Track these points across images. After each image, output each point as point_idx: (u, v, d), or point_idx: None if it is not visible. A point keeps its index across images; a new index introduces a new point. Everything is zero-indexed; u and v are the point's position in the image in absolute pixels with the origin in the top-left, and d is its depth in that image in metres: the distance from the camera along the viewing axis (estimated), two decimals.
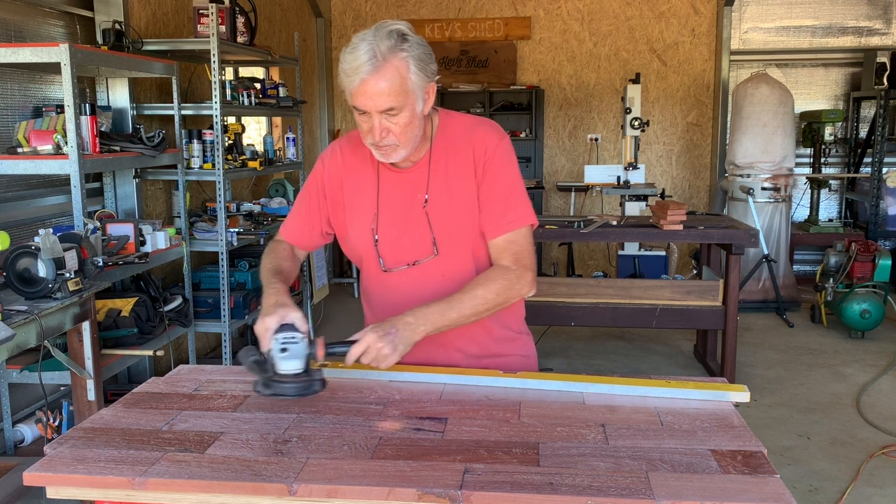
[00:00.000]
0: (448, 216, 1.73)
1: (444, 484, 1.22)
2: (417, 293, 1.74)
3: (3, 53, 2.88)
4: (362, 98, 1.57)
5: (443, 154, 1.74)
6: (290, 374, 1.48)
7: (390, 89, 1.56)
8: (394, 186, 1.76)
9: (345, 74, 1.58)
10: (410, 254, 1.75)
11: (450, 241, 1.73)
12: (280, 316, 1.56)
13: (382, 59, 1.55)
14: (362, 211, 1.78)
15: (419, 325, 1.59)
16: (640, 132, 5.83)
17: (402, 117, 1.60)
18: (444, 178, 1.74)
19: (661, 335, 5.50)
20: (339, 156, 1.82)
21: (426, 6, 7.32)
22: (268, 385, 1.49)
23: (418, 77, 1.59)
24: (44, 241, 2.48)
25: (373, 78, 1.55)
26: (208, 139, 4.06)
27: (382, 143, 1.63)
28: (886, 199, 6.50)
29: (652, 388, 1.61)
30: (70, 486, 1.29)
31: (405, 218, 1.75)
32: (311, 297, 5.35)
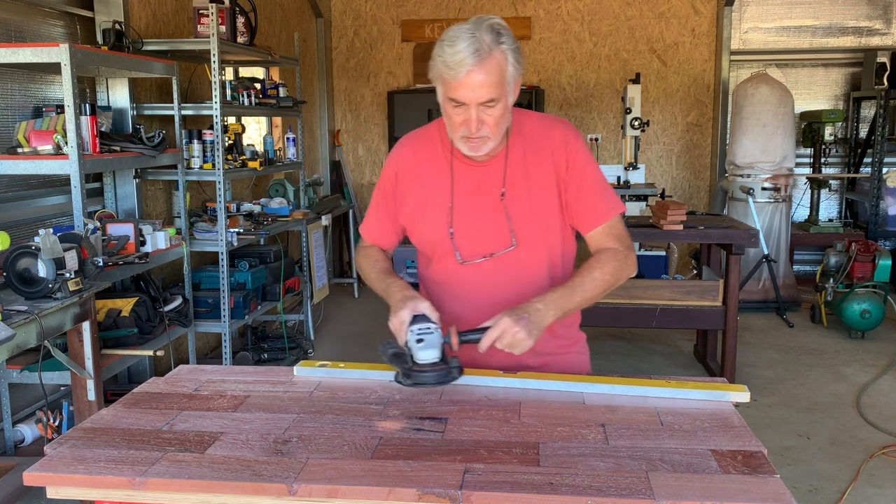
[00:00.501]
0: (526, 209, 1.76)
1: (444, 484, 1.22)
2: (492, 286, 1.77)
3: (3, 53, 2.88)
4: (464, 90, 1.60)
5: (520, 149, 1.78)
6: (429, 363, 1.55)
7: (491, 81, 1.60)
8: (469, 180, 1.78)
9: (446, 66, 1.60)
10: (487, 246, 1.77)
11: (526, 234, 1.76)
12: (411, 308, 1.63)
13: (486, 52, 1.58)
14: (436, 204, 1.79)
15: (549, 311, 1.64)
16: (640, 132, 5.83)
17: (498, 109, 1.64)
18: (522, 172, 1.77)
19: (661, 335, 5.50)
20: (410, 152, 1.86)
21: (426, 6, 7.32)
22: (408, 375, 1.56)
23: (515, 69, 1.64)
24: (44, 241, 2.48)
25: (477, 70, 1.58)
26: (208, 139, 4.06)
27: (476, 135, 1.65)
28: (886, 199, 6.50)
29: (652, 388, 1.61)
30: (70, 486, 1.29)
31: (482, 210, 1.77)
32: (311, 297, 5.35)
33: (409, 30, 7.35)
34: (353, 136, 7.65)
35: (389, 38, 7.42)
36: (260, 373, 1.79)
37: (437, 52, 1.63)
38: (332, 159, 7.47)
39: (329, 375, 1.74)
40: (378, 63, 7.46)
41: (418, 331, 1.57)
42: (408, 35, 7.36)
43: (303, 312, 5.39)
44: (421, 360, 1.55)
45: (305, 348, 5.02)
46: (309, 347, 5.09)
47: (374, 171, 7.67)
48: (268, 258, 4.72)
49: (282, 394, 1.64)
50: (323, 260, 5.66)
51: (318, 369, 1.76)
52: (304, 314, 5.38)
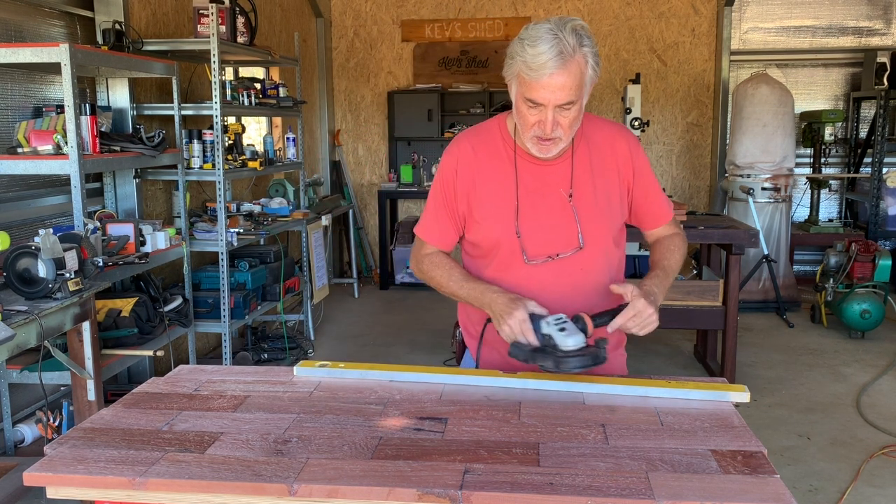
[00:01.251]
0: (592, 211, 1.78)
1: (444, 484, 1.22)
2: (556, 287, 1.78)
3: (3, 53, 2.88)
4: (544, 91, 1.60)
5: (586, 151, 1.79)
6: (577, 348, 1.56)
7: (571, 84, 1.60)
8: (533, 179, 1.78)
9: (528, 68, 1.59)
10: (553, 246, 1.77)
11: (592, 236, 1.78)
12: (524, 306, 1.62)
13: (570, 55, 1.58)
14: (501, 203, 1.78)
15: (659, 295, 1.72)
16: (640, 132, 5.83)
17: (574, 111, 1.65)
18: (589, 174, 1.78)
19: (661, 335, 5.50)
20: (470, 150, 1.83)
21: (426, 6, 7.32)
22: (564, 362, 1.56)
23: (594, 72, 1.65)
24: (44, 241, 2.48)
25: (559, 72, 1.58)
26: (208, 139, 4.06)
27: (550, 136, 1.65)
28: (886, 200, 6.50)
29: (652, 388, 1.61)
30: (70, 486, 1.29)
31: (549, 210, 1.77)
32: (311, 297, 5.35)
33: (409, 30, 7.35)
34: (353, 136, 7.65)
35: (389, 38, 7.42)
36: (260, 373, 1.79)
37: (516, 51, 1.62)
38: (332, 159, 7.47)
39: (329, 375, 1.74)
40: (378, 63, 7.46)
41: (554, 321, 1.59)
42: (408, 35, 7.36)
43: (303, 312, 5.39)
44: (570, 346, 1.56)
45: (305, 348, 5.02)
46: (309, 347, 5.09)
47: (374, 171, 7.68)
48: (268, 258, 4.72)
49: (282, 394, 1.64)
50: (323, 260, 5.66)
51: (318, 369, 1.76)
52: (304, 314, 5.38)
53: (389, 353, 5.14)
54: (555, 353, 1.57)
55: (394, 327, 5.74)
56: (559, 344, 1.56)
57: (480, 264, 1.86)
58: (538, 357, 1.59)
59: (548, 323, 1.59)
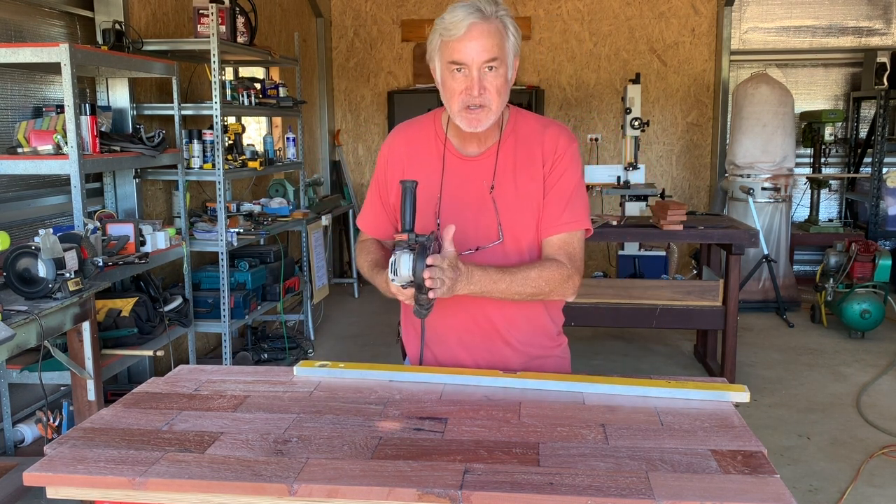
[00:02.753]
0: (512, 206, 1.76)
1: (444, 484, 1.22)
2: None
3: (3, 53, 2.88)
4: (466, 46, 1.61)
5: (512, 147, 1.78)
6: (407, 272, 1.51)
7: (493, 43, 1.61)
8: (459, 173, 1.78)
9: (447, 30, 1.61)
10: (474, 239, 1.77)
11: (512, 230, 1.76)
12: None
13: (488, 15, 1.61)
14: (425, 196, 1.77)
15: (471, 282, 1.60)
16: (640, 132, 5.83)
17: (499, 76, 1.64)
18: (512, 169, 1.77)
19: (661, 335, 5.50)
20: (402, 141, 1.86)
21: (426, 6, 7.32)
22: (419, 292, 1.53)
23: (514, 41, 1.66)
24: (44, 241, 2.48)
25: (479, 25, 1.60)
26: (208, 139, 4.06)
27: (477, 102, 1.64)
28: (886, 199, 6.50)
29: (652, 388, 1.61)
30: (70, 486, 1.29)
31: (470, 203, 1.77)
32: (311, 297, 5.35)
33: (409, 30, 7.35)
34: (353, 136, 7.65)
35: (389, 38, 7.42)
36: (260, 373, 1.79)
37: (436, 26, 1.64)
38: (332, 159, 7.47)
39: (329, 375, 1.74)
40: (378, 63, 7.46)
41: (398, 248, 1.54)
42: (408, 35, 7.36)
43: (303, 312, 5.39)
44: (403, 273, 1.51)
45: (305, 348, 5.02)
46: (309, 347, 5.09)
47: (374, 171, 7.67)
48: (268, 258, 4.72)
49: (282, 394, 1.64)
50: (323, 260, 5.66)
51: (318, 369, 1.76)
52: (304, 314, 5.38)
53: (389, 353, 5.14)
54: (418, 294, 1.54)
55: (394, 327, 5.72)
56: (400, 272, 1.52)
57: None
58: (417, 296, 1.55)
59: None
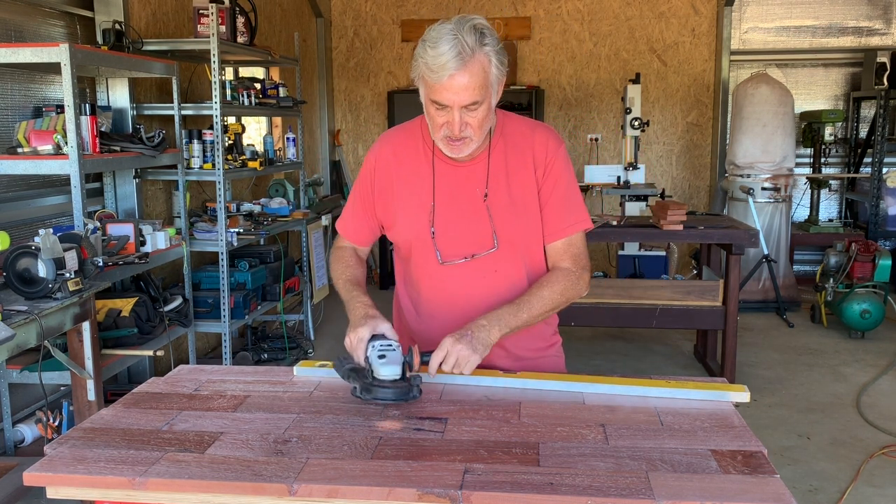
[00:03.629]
0: (506, 212, 1.75)
1: (444, 484, 1.22)
2: (471, 287, 1.77)
3: (3, 53, 2.88)
4: (447, 93, 1.58)
5: (502, 151, 1.77)
6: (390, 379, 1.51)
7: (475, 84, 1.58)
8: (450, 180, 1.77)
9: (429, 70, 1.57)
10: (468, 247, 1.76)
11: (507, 237, 1.75)
12: (371, 326, 1.61)
13: (470, 55, 1.56)
14: (417, 203, 1.77)
15: (493, 327, 1.62)
16: (640, 132, 5.83)
17: (481, 111, 1.62)
18: (504, 174, 1.76)
19: (661, 335, 5.50)
20: (389, 148, 1.83)
21: (426, 6, 7.32)
22: (368, 390, 1.52)
23: (498, 71, 1.62)
24: (44, 241, 2.48)
25: (460, 73, 1.56)
26: (208, 139, 4.06)
27: (459, 137, 1.64)
28: (886, 199, 6.50)
29: (652, 388, 1.61)
30: (70, 486, 1.29)
31: (464, 211, 1.75)
32: (311, 297, 5.35)
33: (409, 30, 7.35)
34: (353, 136, 7.65)
35: (389, 38, 7.42)
36: (260, 373, 1.79)
37: (419, 53, 1.60)
38: (332, 159, 7.47)
39: (329, 375, 1.74)
40: (378, 63, 7.46)
41: (380, 347, 1.56)
42: (408, 35, 7.36)
43: (303, 312, 5.39)
44: (382, 376, 1.52)
45: (305, 348, 5.02)
46: (309, 347, 5.09)
47: None
48: (268, 258, 4.72)
49: (282, 394, 1.64)
50: (323, 260, 5.66)
51: (318, 369, 1.76)
52: (304, 314, 5.38)
53: None
54: (365, 378, 1.54)
55: None
56: (374, 370, 1.53)
57: (405, 264, 1.88)
58: (352, 377, 1.56)
59: (374, 347, 1.56)
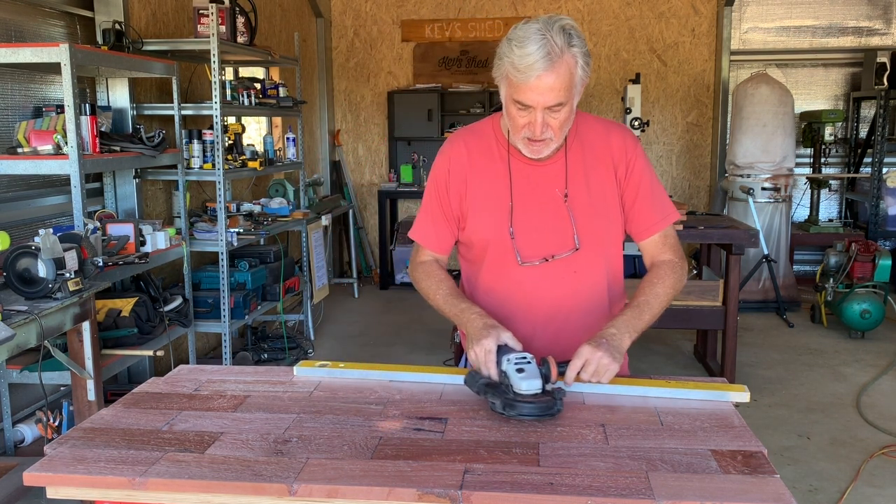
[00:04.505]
0: (587, 212, 1.74)
1: (444, 484, 1.22)
2: (549, 289, 1.75)
3: (3, 53, 2.88)
4: (532, 93, 1.56)
5: (579, 150, 1.75)
6: (531, 394, 1.47)
7: (561, 85, 1.56)
8: (528, 180, 1.75)
9: (515, 69, 1.56)
10: (548, 247, 1.74)
11: (588, 237, 1.74)
12: (495, 337, 1.57)
13: (559, 56, 1.54)
14: (494, 204, 1.75)
15: (624, 333, 1.62)
16: (640, 132, 5.83)
17: (564, 113, 1.61)
18: (583, 174, 1.74)
19: (661, 335, 5.50)
20: (464, 149, 1.81)
21: (426, 6, 7.32)
22: (512, 406, 1.46)
23: (584, 72, 1.60)
24: (44, 241, 2.48)
25: (547, 74, 1.54)
26: (208, 139, 4.06)
27: (540, 138, 1.63)
28: (886, 199, 6.50)
29: (652, 388, 1.61)
30: (70, 486, 1.29)
31: (543, 211, 1.74)
32: (311, 297, 5.35)
33: (409, 30, 7.35)
34: (353, 136, 7.65)
35: (389, 38, 7.42)
36: (260, 373, 1.79)
37: (504, 52, 1.59)
38: (332, 159, 7.47)
39: (329, 375, 1.74)
40: (378, 63, 7.46)
41: (516, 360, 1.50)
42: (408, 35, 7.36)
43: (303, 312, 5.39)
44: (524, 390, 1.46)
45: (305, 348, 5.02)
46: (309, 347, 5.09)
47: (374, 171, 7.68)
48: (268, 258, 4.72)
49: (282, 394, 1.64)
50: (323, 260, 5.66)
51: (318, 369, 1.76)
52: (304, 314, 5.38)
53: (389, 353, 5.14)
54: (506, 393, 1.48)
55: (394, 327, 5.74)
56: (513, 385, 1.47)
57: (475, 267, 1.85)
58: (489, 392, 1.51)
59: (509, 360, 1.50)
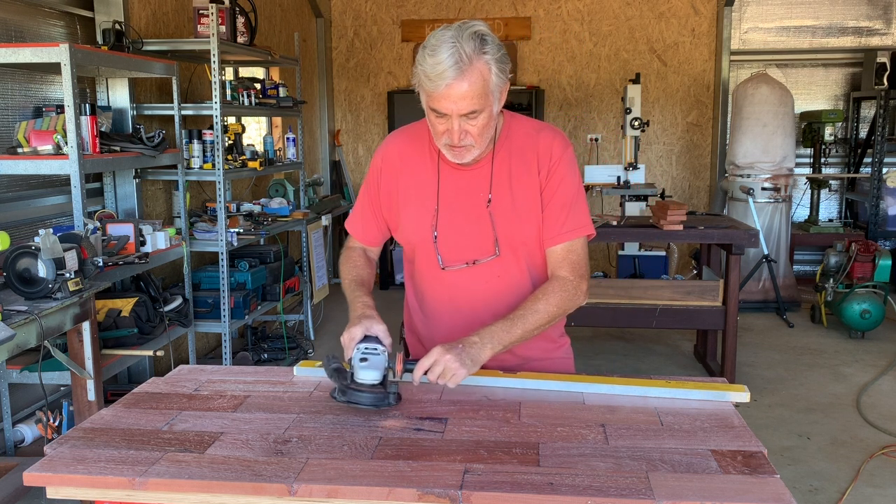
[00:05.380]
0: (510, 218, 1.74)
1: (444, 484, 1.22)
2: (472, 293, 1.76)
3: (3, 53, 2.88)
4: (445, 101, 1.57)
5: (506, 155, 1.75)
6: (367, 384, 1.51)
7: (473, 93, 1.56)
8: (454, 184, 1.76)
9: (427, 78, 1.56)
10: (470, 252, 1.75)
11: (509, 242, 1.74)
12: (365, 327, 1.61)
13: (468, 63, 1.54)
14: (421, 206, 1.77)
15: (486, 344, 1.60)
16: (640, 132, 5.83)
17: (481, 119, 1.61)
18: (507, 179, 1.74)
19: (661, 335, 5.50)
20: (395, 149, 1.82)
21: (426, 6, 7.32)
22: (343, 392, 1.52)
23: (498, 79, 1.59)
24: (44, 241, 2.48)
25: (457, 82, 1.54)
26: (208, 139, 4.06)
27: (459, 145, 1.63)
28: (886, 199, 6.50)
29: (652, 388, 1.61)
30: (70, 486, 1.29)
31: (467, 216, 1.75)
32: (311, 297, 5.35)
33: (409, 30, 7.35)
34: (352, 136, 7.65)
35: (389, 38, 7.42)
36: (260, 373, 1.79)
37: (418, 60, 1.58)
38: (332, 159, 7.48)
39: None
40: (378, 63, 7.46)
41: (364, 349, 1.55)
42: (408, 35, 7.36)
43: (303, 312, 5.39)
44: (360, 379, 1.51)
45: (305, 348, 5.02)
46: (309, 347, 5.09)
47: None
48: (268, 258, 4.72)
49: (282, 394, 1.64)
50: (323, 260, 5.66)
51: (318, 369, 1.76)
52: (304, 314, 5.38)
53: None
54: (345, 380, 1.53)
55: (393, 327, 5.71)
56: (354, 373, 1.53)
57: (410, 266, 1.88)
58: (336, 377, 1.55)
59: (358, 349, 1.56)
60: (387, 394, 1.52)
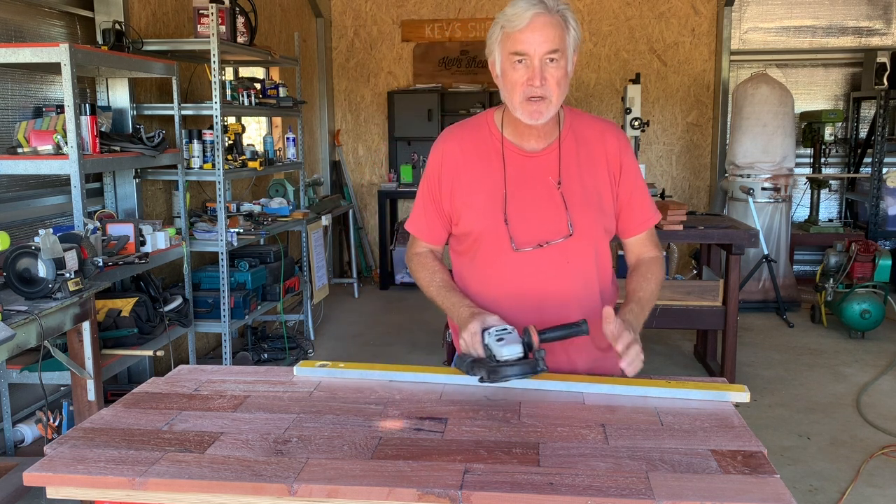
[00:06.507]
0: (580, 201, 1.78)
1: (444, 484, 1.22)
2: (541, 275, 1.78)
3: (3, 53, 2.88)
4: (529, 37, 1.63)
5: (573, 145, 1.80)
6: (513, 358, 1.54)
7: (555, 33, 1.64)
8: (521, 169, 1.79)
9: (509, 21, 1.64)
10: (542, 233, 1.77)
11: (581, 224, 1.77)
12: (480, 321, 1.63)
13: (553, 6, 1.64)
14: (488, 193, 1.78)
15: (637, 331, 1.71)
16: (640, 132, 5.83)
17: (560, 68, 1.66)
18: (576, 167, 1.79)
19: (661, 335, 5.50)
20: (456, 143, 1.84)
21: (426, 6, 7.32)
22: (495, 372, 1.54)
23: (575, 34, 1.69)
24: (44, 241, 2.48)
25: (541, 16, 1.62)
26: (208, 139, 4.06)
27: (538, 93, 1.66)
28: (886, 200, 6.50)
29: (652, 388, 1.61)
30: (70, 486, 1.29)
31: (537, 198, 1.77)
32: (311, 297, 5.35)
33: (409, 30, 7.35)
34: (352, 136, 7.65)
35: (389, 38, 7.42)
36: (260, 373, 1.79)
37: (497, 20, 1.68)
38: (332, 159, 7.48)
39: (329, 375, 1.74)
40: (378, 63, 7.46)
41: (496, 332, 1.58)
42: (408, 35, 7.36)
43: (303, 312, 5.39)
44: (504, 356, 1.53)
45: (305, 348, 5.02)
46: (309, 347, 5.09)
47: (374, 171, 7.68)
48: (268, 258, 4.72)
49: (282, 394, 1.64)
50: (323, 260, 5.66)
51: (318, 369, 1.76)
52: (304, 314, 5.38)
53: (389, 353, 5.14)
54: (489, 362, 1.55)
55: (394, 327, 5.74)
56: (495, 353, 1.55)
57: (467, 258, 1.87)
58: (476, 367, 1.58)
59: (489, 334, 1.58)
60: (536, 360, 1.55)
